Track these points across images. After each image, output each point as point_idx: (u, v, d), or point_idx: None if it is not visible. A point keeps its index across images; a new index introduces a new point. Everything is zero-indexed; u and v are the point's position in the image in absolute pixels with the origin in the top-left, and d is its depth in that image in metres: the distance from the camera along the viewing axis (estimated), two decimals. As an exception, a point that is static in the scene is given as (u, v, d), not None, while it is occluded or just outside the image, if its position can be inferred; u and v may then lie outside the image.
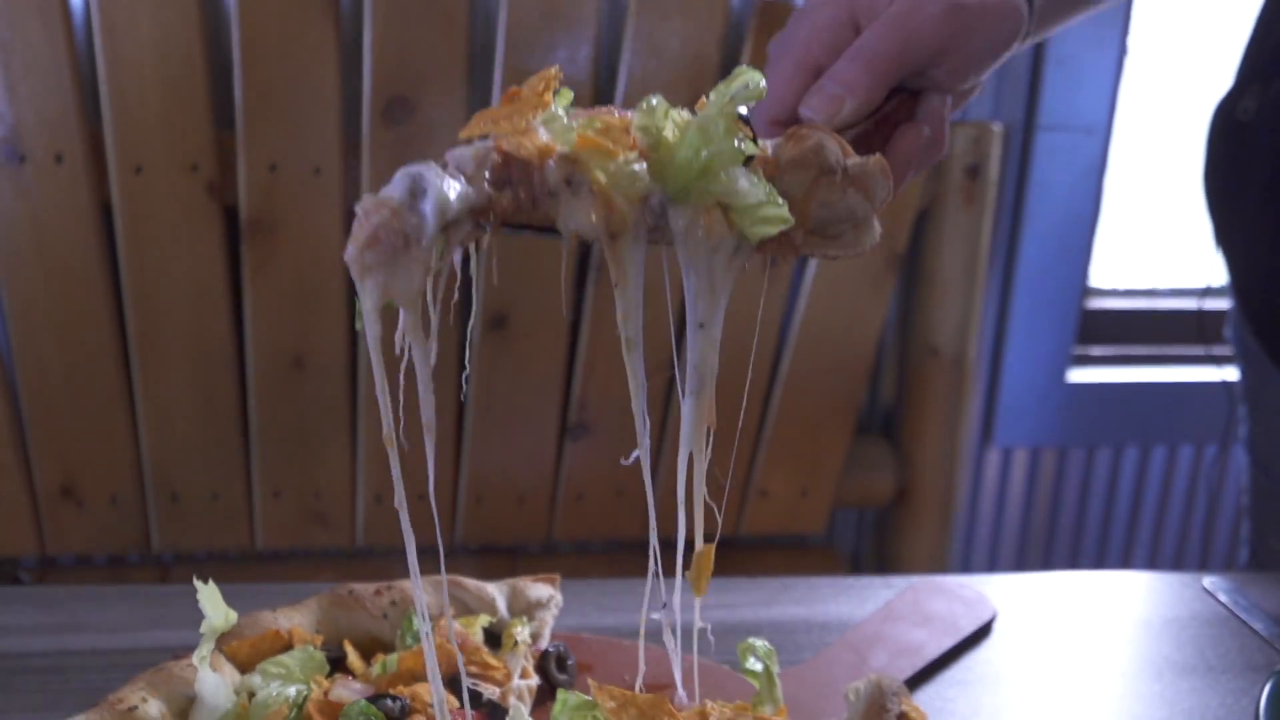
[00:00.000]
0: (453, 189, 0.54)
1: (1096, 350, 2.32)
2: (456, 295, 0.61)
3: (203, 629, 0.77)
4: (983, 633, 0.99)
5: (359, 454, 1.92)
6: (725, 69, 1.81)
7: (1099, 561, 2.45)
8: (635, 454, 0.64)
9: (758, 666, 0.79)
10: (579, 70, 1.76)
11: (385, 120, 1.74)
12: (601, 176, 0.57)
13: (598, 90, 1.81)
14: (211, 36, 1.71)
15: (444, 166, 0.56)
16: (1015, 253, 2.16)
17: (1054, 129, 2.09)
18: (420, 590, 0.63)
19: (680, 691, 0.77)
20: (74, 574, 1.99)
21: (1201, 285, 1.70)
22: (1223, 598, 1.05)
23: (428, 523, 0.63)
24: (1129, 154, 2.25)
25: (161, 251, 1.75)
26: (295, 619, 0.84)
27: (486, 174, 0.56)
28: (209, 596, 0.77)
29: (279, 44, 1.69)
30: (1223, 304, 1.46)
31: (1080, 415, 2.29)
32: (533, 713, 0.81)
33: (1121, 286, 2.39)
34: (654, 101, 0.62)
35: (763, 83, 0.63)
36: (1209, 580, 1.08)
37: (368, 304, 0.53)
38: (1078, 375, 2.27)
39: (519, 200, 0.56)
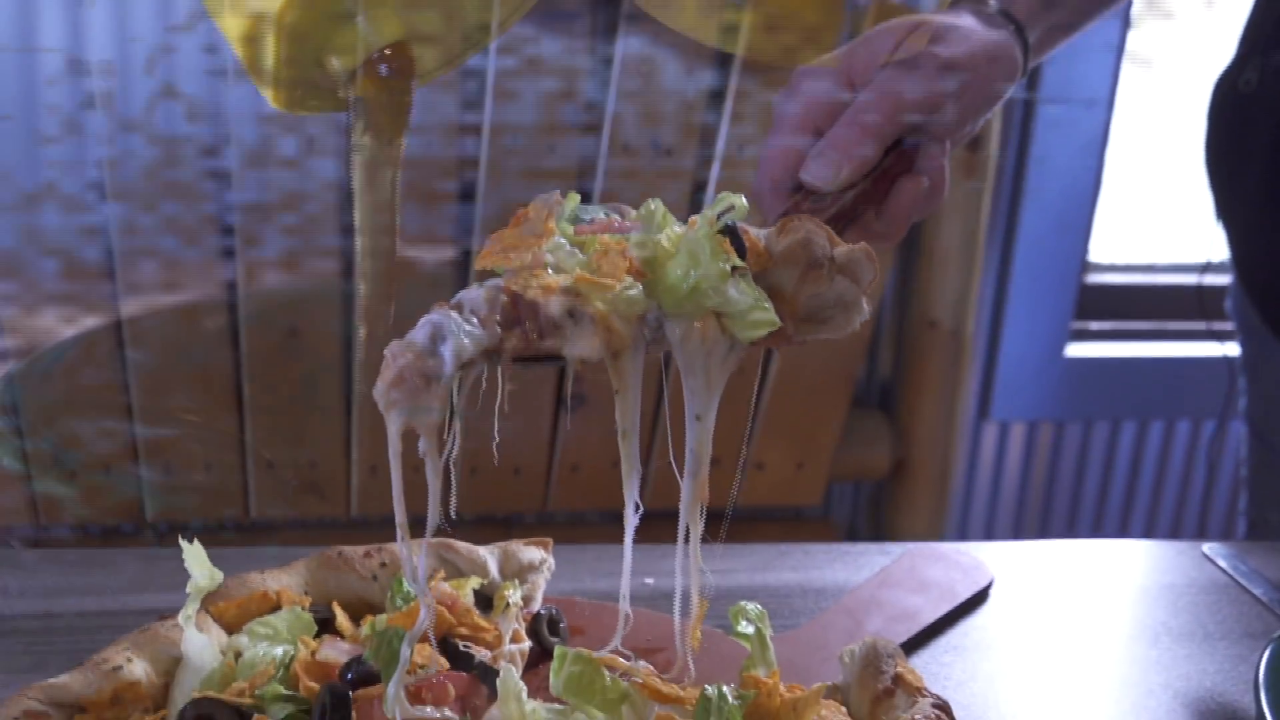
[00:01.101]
0: (468, 334, 0.61)
1: (1095, 325, 2.31)
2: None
3: (188, 588, 0.76)
4: (979, 599, 0.99)
5: (353, 424, 1.91)
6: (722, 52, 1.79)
7: (1095, 536, 2.45)
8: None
9: (749, 630, 0.79)
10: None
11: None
12: (601, 305, 0.62)
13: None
14: None
15: (459, 307, 0.62)
16: (1015, 226, 2.15)
17: (1055, 102, 2.07)
18: (406, 546, 0.64)
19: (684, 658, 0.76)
20: (66, 545, 1.99)
21: (1202, 260, 1.69)
22: (1222, 564, 1.04)
23: (419, 494, 0.63)
24: (1130, 127, 2.23)
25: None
26: (283, 580, 0.83)
27: (497, 316, 0.62)
28: (194, 556, 0.76)
29: None
30: (1223, 279, 1.45)
31: (1078, 390, 2.28)
32: (524, 676, 0.80)
33: (1121, 261, 2.37)
34: (653, 206, 0.66)
35: (745, 203, 0.66)
36: (1209, 546, 1.07)
37: (392, 429, 0.61)
38: (1076, 350, 2.26)
39: (527, 336, 0.62)
